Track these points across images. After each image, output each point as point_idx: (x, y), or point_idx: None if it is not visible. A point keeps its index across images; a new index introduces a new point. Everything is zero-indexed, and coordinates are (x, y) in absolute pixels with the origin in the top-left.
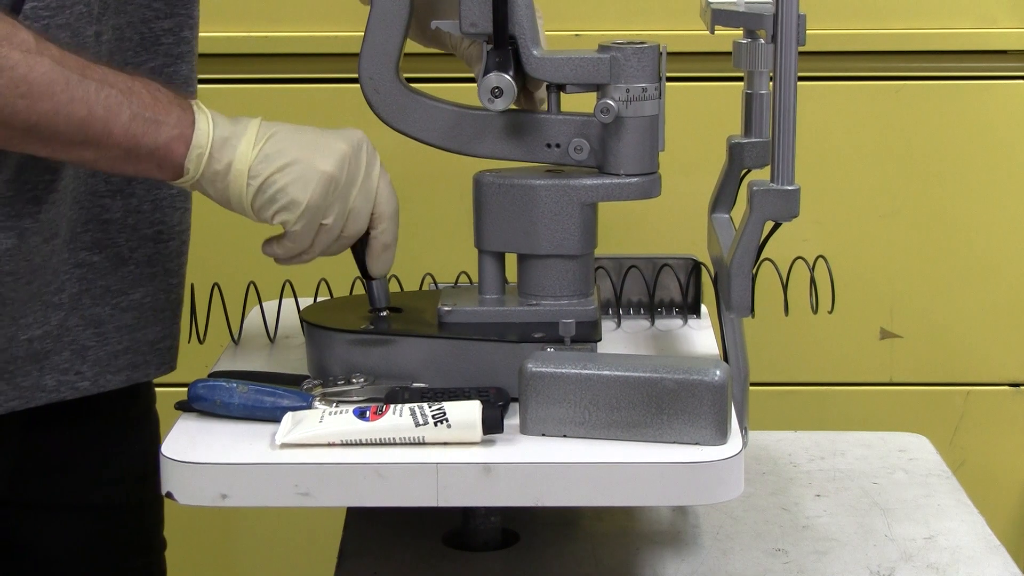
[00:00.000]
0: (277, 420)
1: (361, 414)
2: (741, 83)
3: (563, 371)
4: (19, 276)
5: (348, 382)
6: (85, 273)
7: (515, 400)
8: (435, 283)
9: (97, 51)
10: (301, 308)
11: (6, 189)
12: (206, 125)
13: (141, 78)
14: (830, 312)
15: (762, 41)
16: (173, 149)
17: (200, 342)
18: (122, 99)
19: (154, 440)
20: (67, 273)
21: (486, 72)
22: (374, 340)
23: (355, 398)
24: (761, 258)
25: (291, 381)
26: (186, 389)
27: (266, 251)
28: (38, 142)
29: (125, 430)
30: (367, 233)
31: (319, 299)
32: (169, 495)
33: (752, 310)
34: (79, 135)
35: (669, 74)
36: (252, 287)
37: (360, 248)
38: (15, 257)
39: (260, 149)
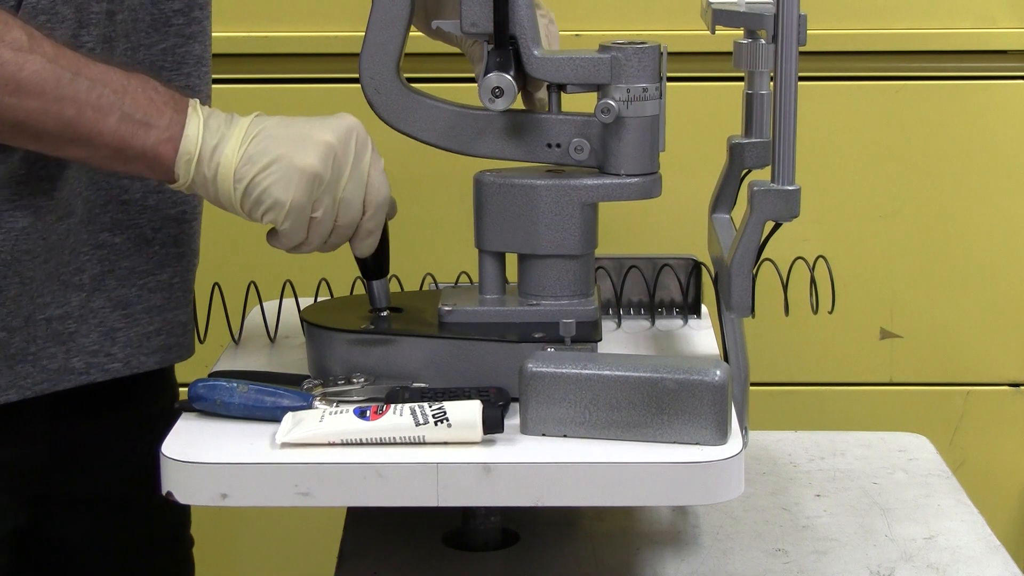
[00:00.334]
0: (277, 420)
1: (361, 414)
2: (741, 83)
3: (563, 371)
4: (36, 255)
5: (348, 382)
6: (107, 254)
7: (515, 400)
8: (435, 283)
9: (111, 30)
10: (301, 308)
11: (19, 167)
12: (196, 130)
13: (139, 76)
14: (830, 312)
15: (763, 41)
16: (162, 152)
17: (200, 342)
18: (114, 99)
19: None
20: (87, 254)
21: (487, 72)
22: (374, 340)
23: (355, 398)
24: (761, 258)
25: (291, 381)
26: (186, 389)
27: (269, 242)
28: (27, 138)
29: (151, 424)
30: None
31: (319, 299)
32: (169, 495)
33: (752, 310)
34: (67, 134)
35: (669, 74)
36: (252, 287)
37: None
38: (31, 235)
39: (244, 151)
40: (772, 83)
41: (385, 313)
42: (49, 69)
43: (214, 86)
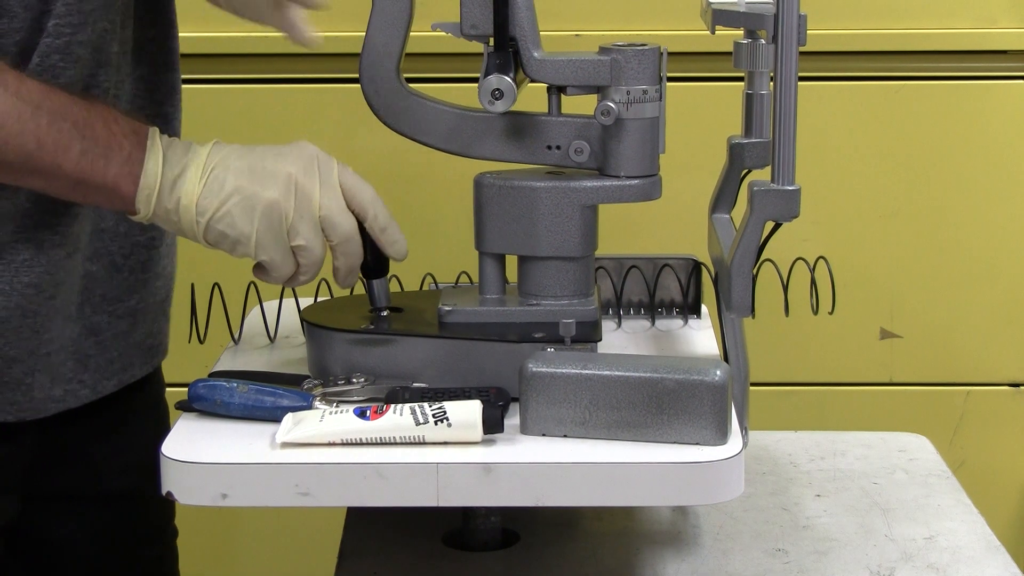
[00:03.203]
0: (277, 420)
1: (361, 413)
2: (741, 83)
3: (563, 371)
4: (42, 289)
5: (348, 382)
6: (87, 283)
7: (515, 400)
8: (435, 283)
9: (119, 65)
10: (301, 308)
11: (25, 202)
12: (156, 164)
13: (100, 106)
14: (830, 312)
15: (763, 41)
16: (121, 186)
17: (200, 342)
18: (74, 133)
19: (163, 429)
20: (75, 284)
21: (487, 74)
22: (374, 340)
23: (355, 398)
24: (761, 258)
25: (291, 381)
26: (186, 389)
27: (256, 276)
28: None
29: (136, 419)
30: (362, 228)
31: (319, 299)
32: (169, 495)
33: (752, 310)
34: (28, 166)
35: (669, 74)
36: (252, 287)
37: (367, 243)
38: (34, 268)
39: (204, 184)
40: (772, 83)
41: (385, 313)
42: (11, 103)
43: (212, 86)
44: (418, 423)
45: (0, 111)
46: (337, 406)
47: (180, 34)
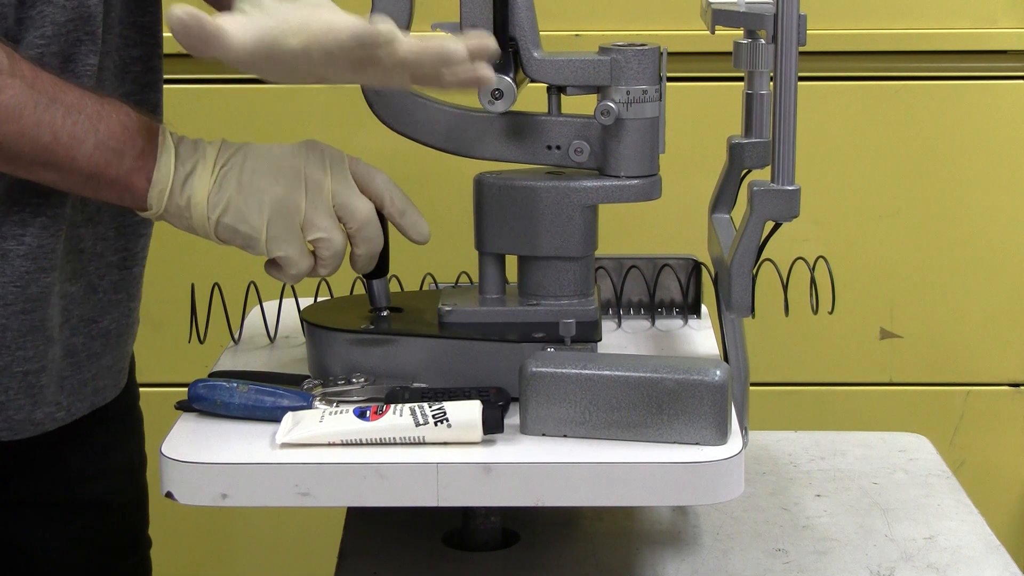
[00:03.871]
0: (277, 420)
1: (361, 414)
2: (741, 83)
3: (563, 371)
4: (8, 303)
5: (348, 382)
6: (67, 304)
7: (515, 400)
8: (435, 283)
9: (102, 81)
10: (301, 308)
11: None
12: (168, 161)
13: (113, 102)
14: (830, 312)
15: (762, 41)
16: (134, 181)
17: (200, 342)
18: (89, 126)
19: (138, 436)
20: (55, 306)
21: None
22: (374, 340)
23: (355, 398)
24: (761, 258)
25: (291, 381)
26: (186, 389)
27: (269, 273)
28: (1, 161)
29: (110, 427)
30: (381, 216)
31: (319, 299)
32: (169, 495)
33: (752, 310)
34: (42, 158)
35: (669, 74)
36: (252, 287)
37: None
38: None
39: (215, 180)
40: (772, 83)
41: (385, 313)
42: (27, 94)
43: (216, 86)
44: (418, 424)
45: (17, 103)
46: (337, 406)
47: None
